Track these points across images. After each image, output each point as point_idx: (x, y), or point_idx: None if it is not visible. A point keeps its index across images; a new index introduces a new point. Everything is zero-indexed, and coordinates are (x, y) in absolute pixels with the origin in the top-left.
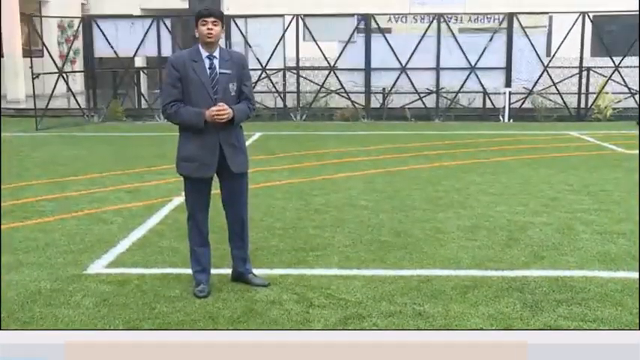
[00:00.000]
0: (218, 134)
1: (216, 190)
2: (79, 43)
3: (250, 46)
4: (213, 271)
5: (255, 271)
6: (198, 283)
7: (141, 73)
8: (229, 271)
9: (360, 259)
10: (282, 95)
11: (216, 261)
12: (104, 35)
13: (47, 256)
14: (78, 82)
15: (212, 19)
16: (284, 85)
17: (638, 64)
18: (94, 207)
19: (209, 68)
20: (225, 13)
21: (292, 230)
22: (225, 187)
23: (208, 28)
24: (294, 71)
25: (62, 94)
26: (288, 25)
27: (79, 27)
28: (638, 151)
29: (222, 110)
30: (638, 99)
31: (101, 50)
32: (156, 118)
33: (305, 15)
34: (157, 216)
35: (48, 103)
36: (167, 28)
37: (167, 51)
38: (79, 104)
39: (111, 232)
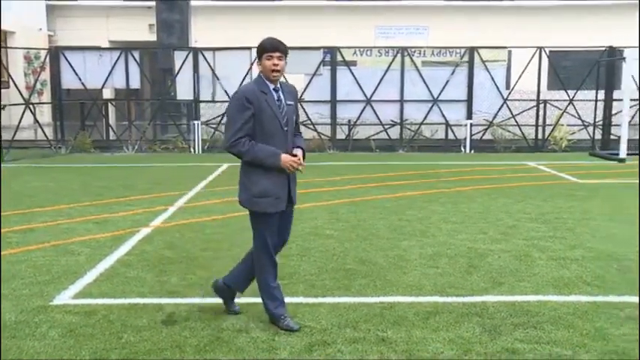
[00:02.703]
0: (287, 170)
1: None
2: (46, 75)
3: (218, 78)
4: (180, 300)
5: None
6: (284, 316)
7: (109, 104)
8: (197, 300)
9: (325, 287)
10: None
11: (183, 290)
12: (72, 67)
13: (12, 287)
14: (45, 114)
15: (278, 54)
16: None
17: (591, 98)
18: (61, 238)
19: (277, 100)
20: (193, 45)
21: None
22: (281, 219)
23: (274, 63)
24: None
25: (29, 126)
26: (255, 58)
27: (45, 58)
28: (589, 181)
29: (301, 164)
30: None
31: (69, 82)
32: (124, 149)
33: None
34: (124, 247)
35: (14, 135)
36: (135, 60)
37: (135, 83)
38: (46, 136)
39: (78, 263)
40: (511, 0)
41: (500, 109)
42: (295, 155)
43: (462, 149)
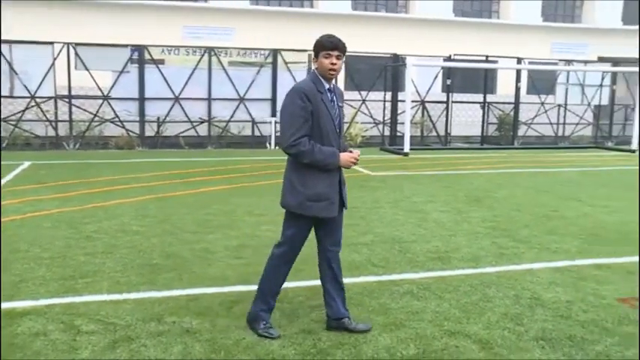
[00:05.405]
0: (340, 173)
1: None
2: None
3: (17, 73)
4: None
5: (19, 304)
6: (265, 320)
7: None
8: None
9: (130, 283)
10: (53, 124)
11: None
12: None
13: None
14: None
15: (336, 53)
16: (55, 113)
17: (381, 99)
18: None
19: (331, 101)
20: None
21: (61, 259)
22: (331, 223)
23: (332, 62)
24: (67, 100)
25: None
26: (59, 53)
27: None
28: (379, 173)
29: (358, 158)
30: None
31: None
32: None
33: (77, 44)
34: None
35: None
36: None
37: None
38: None
39: None
40: (311, 8)
41: None
42: (351, 152)
43: (268, 145)
